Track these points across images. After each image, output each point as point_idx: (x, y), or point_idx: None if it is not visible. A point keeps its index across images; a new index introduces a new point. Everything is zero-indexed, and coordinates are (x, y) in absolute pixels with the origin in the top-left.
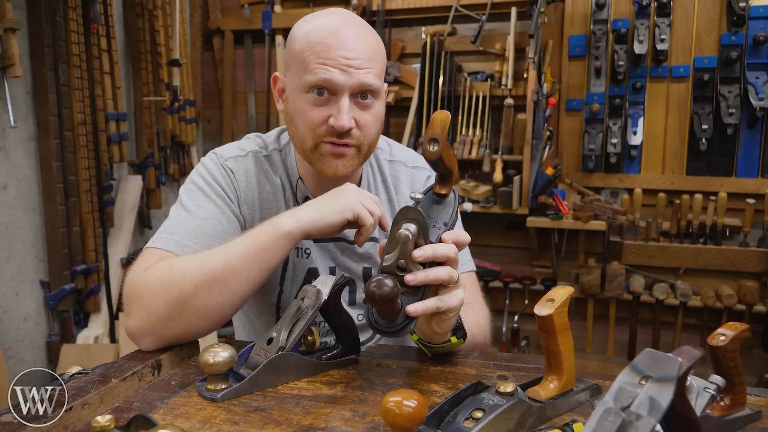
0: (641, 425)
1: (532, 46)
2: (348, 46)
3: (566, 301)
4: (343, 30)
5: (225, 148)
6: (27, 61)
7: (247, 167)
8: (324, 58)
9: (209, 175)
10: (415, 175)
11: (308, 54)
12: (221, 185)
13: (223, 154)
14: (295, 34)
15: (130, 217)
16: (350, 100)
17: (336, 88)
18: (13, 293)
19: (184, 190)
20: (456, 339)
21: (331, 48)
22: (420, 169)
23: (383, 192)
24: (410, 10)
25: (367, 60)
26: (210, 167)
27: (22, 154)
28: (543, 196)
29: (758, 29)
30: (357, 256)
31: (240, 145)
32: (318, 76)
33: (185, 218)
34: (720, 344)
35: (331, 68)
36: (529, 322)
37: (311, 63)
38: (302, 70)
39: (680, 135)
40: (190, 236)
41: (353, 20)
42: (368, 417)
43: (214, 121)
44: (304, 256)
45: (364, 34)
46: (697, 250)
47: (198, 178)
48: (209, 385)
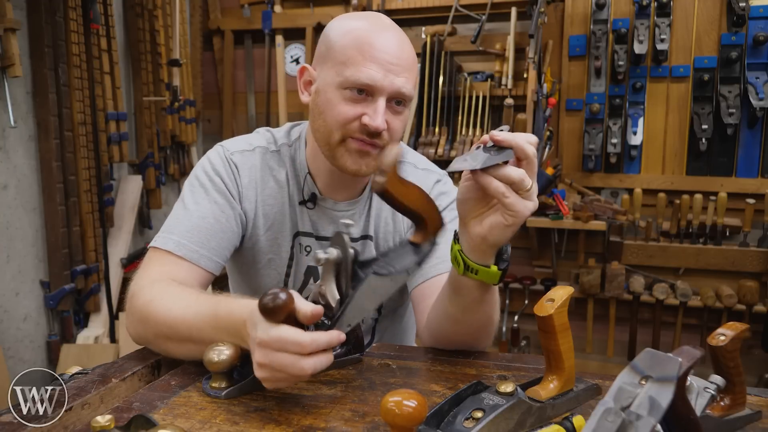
0: (641, 425)
1: (532, 46)
2: (394, 52)
3: (566, 301)
4: (390, 34)
5: (233, 141)
6: (27, 61)
7: (253, 163)
8: (369, 58)
9: (212, 170)
10: (424, 177)
11: (352, 51)
12: (224, 181)
13: (230, 148)
14: (337, 29)
15: (130, 217)
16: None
17: (376, 89)
18: (13, 293)
19: (188, 184)
20: (496, 269)
21: (379, 50)
22: (429, 172)
23: None
24: (410, 10)
25: (407, 69)
26: (215, 161)
27: (22, 154)
28: (543, 196)
29: (758, 29)
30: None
31: (248, 140)
32: (361, 76)
33: (184, 216)
34: (720, 344)
35: (375, 71)
36: (529, 322)
37: (356, 61)
38: (343, 66)
39: (680, 135)
40: (188, 235)
41: (396, 27)
42: (368, 417)
43: (214, 121)
44: (304, 252)
45: (407, 43)
46: (697, 250)
47: (201, 173)
48: (214, 383)
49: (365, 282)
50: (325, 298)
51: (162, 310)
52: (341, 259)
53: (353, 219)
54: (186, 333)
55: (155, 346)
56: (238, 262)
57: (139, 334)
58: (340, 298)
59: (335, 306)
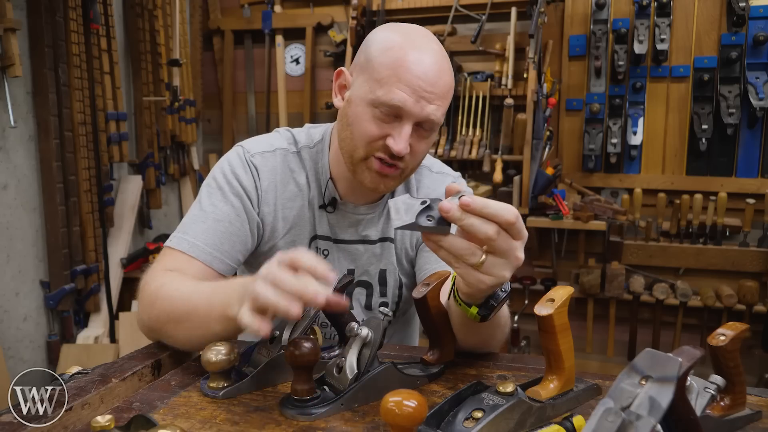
0: (641, 425)
1: (532, 46)
2: (429, 79)
3: (566, 301)
4: (429, 59)
5: (253, 141)
6: (27, 61)
7: (273, 164)
8: (404, 82)
9: (231, 172)
10: (439, 180)
11: (387, 71)
12: (242, 184)
13: (251, 149)
14: (379, 42)
15: (130, 217)
16: (412, 127)
17: (404, 114)
18: (13, 293)
19: (206, 186)
20: (474, 312)
21: (414, 75)
22: (444, 175)
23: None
24: (410, 10)
25: (441, 96)
26: (234, 163)
27: (22, 154)
28: (543, 196)
29: (758, 29)
30: (376, 258)
31: (270, 140)
32: (392, 98)
33: (200, 218)
34: (720, 344)
35: (407, 95)
36: (529, 322)
37: (389, 82)
38: (377, 83)
39: (680, 135)
40: (203, 237)
41: (439, 51)
42: (368, 417)
43: (214, 121)
44: (321, 256)
45: (447, 69)
46: (697, 250)
47: (220, 175)
48: (212, 383)
49: (383, 368)
50: (342, 366)
51: (171, 290)
52: (371, 340)
53: (372, 222)
54: (191, 306)
55: (163, 332)
56: (254, 265)
57: (149, 317)
58: (357, 372)
59: (350, 378)
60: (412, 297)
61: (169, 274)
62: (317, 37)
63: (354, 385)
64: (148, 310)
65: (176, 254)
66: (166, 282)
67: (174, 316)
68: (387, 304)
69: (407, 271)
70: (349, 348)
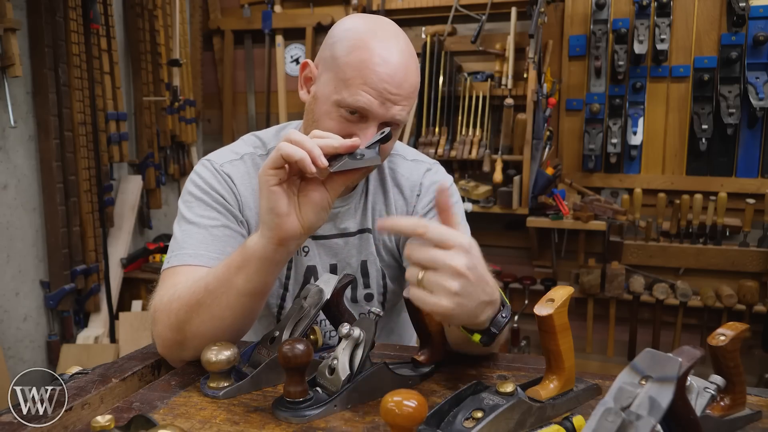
0: (641, 425)
1: (532, 46)
2: (396, 81)
3: (566, 301)
4: (396, 59)
5: (218, 153)
6: (27, 61)
7: (245, 170)
8: (369, 85)
9: (205, 183)
10: (414, 168)
11: (353, 73)
12: (219, 193)
13: (218, 160)
14: (344, 41)
15: (130, 217)
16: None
17: (370, 115)
18: (13, 293)
19: (183, 203)
20: (474, 337)
21: (380, 78)
22: (419, 162)
23: (377, 184)
24: (410, 10)
25: (407, 97)
26: (204, 175)
27: (22, 154)
28: (543, 196)
29: (758, 29)
30: (356, 250)
31: (234, 149)
32: (358, 100)
33: (191, 231)
34: (720, 344)
35: (373, 98)
36: (529, 322)
37: (354, 83)
38: (342, 84)
39: (680, 135)
40: (203, 246)
41: (406, 48)
42: (368, 417)
43: (214, 121)
44: (302, 254)
45: (413, 68)
46: (697, 250)
47: (194, 189)
48: (212, 383)
49: (376, 368)
50: (335, 368)
51: (185, 286)
52: (363, 340)
53: (350, 214)
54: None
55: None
56: None
57: (170, 323)
58: (350, 373)
59: (343, 379)
60: (403, 297)
61: (179, 285)
62: (317, 37)
63: (347, 386)
64: (166, 317)
65: (179, 270)
66: (177, 288)
67: (195, 300)
68: (372, 296)
69: (388, 262)
70: (341, 349)
